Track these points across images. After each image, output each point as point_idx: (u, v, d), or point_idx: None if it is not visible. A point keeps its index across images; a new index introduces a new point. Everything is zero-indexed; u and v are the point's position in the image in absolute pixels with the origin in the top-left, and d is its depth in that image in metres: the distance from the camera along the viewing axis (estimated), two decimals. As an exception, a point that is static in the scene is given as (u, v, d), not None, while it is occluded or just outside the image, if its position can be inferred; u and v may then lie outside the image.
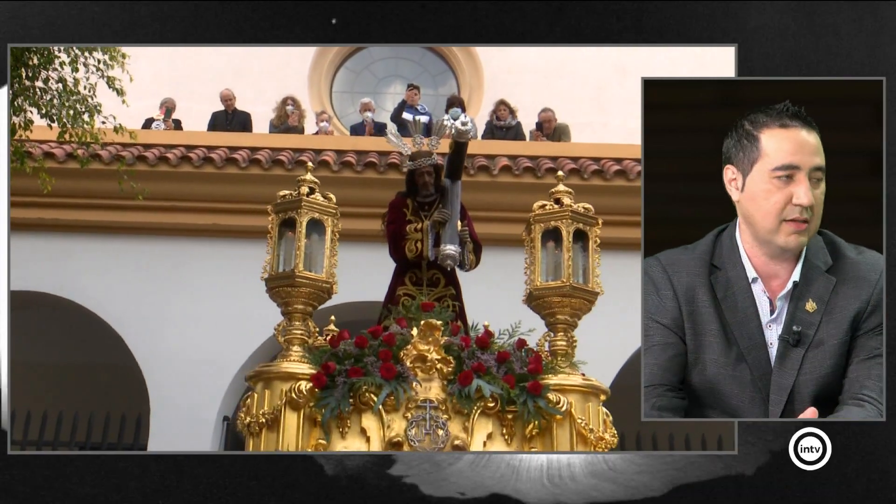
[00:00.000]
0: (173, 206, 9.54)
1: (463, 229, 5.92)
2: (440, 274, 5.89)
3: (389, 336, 5.22)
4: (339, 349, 5.20)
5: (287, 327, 5.32)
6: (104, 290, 9.33)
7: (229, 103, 11.20)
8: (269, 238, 5.47)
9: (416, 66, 13.20)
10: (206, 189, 9.58)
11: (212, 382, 9.05)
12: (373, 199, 8.59)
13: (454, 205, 5.91)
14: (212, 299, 9.39)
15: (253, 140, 10.36)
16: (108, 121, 7.70)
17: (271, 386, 5.07)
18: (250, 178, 9.56)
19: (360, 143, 10.24)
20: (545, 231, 5.51)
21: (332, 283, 5.40)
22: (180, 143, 9.96)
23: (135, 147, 9.48)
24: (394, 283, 5.95)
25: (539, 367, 5.20)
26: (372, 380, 5.02)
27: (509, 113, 10.94)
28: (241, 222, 9.49)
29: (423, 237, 5.86)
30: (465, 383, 5.07)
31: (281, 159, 9.66)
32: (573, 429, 5.07)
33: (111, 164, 9.30)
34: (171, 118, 11.07)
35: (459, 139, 5.80)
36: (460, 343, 5.25)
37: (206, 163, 9.61)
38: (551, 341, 5.40)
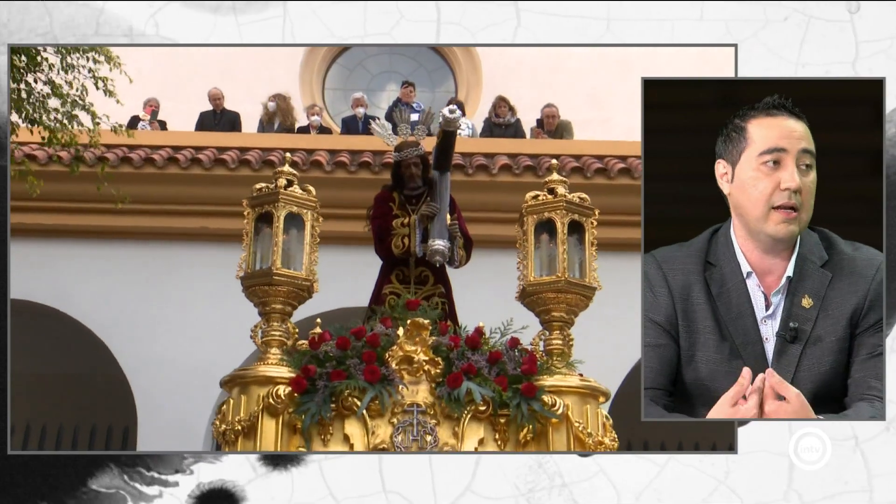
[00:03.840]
0: (160, 210, 9.40)
1: (452, 223, 5.78)
2: (429, 271, 5.76)
3: (373, 336, 5.06)
4: (319, 351, 5.05)
5: (264, 328, 5.18)
6: (88, 297, 9.20)
7: (217, 102, 11.06)
8: (245, 234, 5.34)
9: (412, 62, 13.05)
10: (194, 191, 9.43)
11: (201, 392, 8.86)
12: (368, 199, 8.45)
13: (443, 198, 5.77)
14: (201, 305, 9.25)
15: (242, 140, 10.23)
16: (102, 121, 7.55)
17: (248, 391, 4.94)
18: (240, 180, 9.36)
19: (353, 143, 10.09)
20: (538, 223, 5.38)
21: (313, 281, 5.26)
22: (167, 144, 9.83)
23: (119, 148, 9.31)
24: (380, 281, 5.82)
25: (533, 368, 5.04)
26: (355, 383, 4.87)
27: (508, 110, 10.81)
28: (231, 225, 9.09)
29: (410, 232, 5.74)
30: (455, 386, 4.91)
31: (272, 160, 9.52)
32: (570, 433, 4.91)
33: (95, 166, 9.13)
34: (157, 119, 10.90)
35: (447, 128, 5.64)
36: (449, 343, 5.09)
37: (193, 164, 9.47)
38: (546, 340, 5.26)
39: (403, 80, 11.53)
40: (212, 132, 10.36)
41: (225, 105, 11.07)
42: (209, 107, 11.09)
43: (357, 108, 10.98)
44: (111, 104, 7.51)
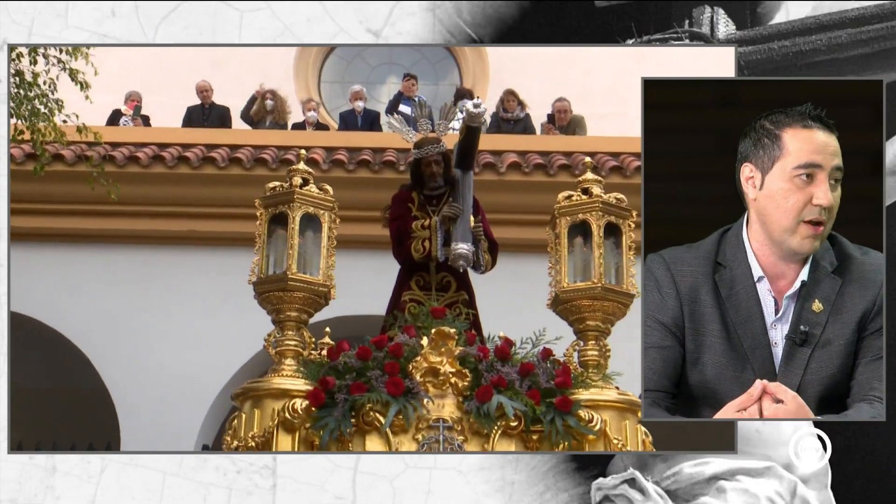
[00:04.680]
0: (144, 211, 9.36)
1: (476, 225, 5.78)
2: (451, 277, 5.77)
3: (396, 347, 5.05)
4: (338, 362, 5.03)
5: (279, 338, 5.16)
6: (67, 306, 9.18)
7: (205, 95, 11.00)
8: (258, 236, 5.32)
9: (414, 52, 13.01)
10: (181, 192, 9.39)
11: (189, 407, 8.88)
12: (367, 200, 8.44)
13: (466, 198, 5.77)
14: (188, 314, 9.22)
15: (233, 137, 10.17)
16: (70, 119, 7.49)
17: (261, 405, 4.94)
18: (230, 179, 9.39)
19: (352, 140, 10.07)
20: (572, 225, 5.38)
21: (330, 286, 5.27)
22: (151, 142, 9.78)
23: (101, 146, 9.26)
24: (398, 287, 5.82)
25: (568, 381, 5.04)
26: (377, 396, 4.85)
27: (517, 104, 10.79)
28: (220, 228, 9.34)
29: (431, 235, 5.73)
30: (485, 399, 4.91)
31: (264, 157, 9.50)
32: (608, 450, 4.90)
33: (75, 165, 9.11)
34: (140, 114, 10.86)
35: (471, 123, 5.65)
36: (477, 354, 5.09)
37: (180, 162, 9.43)
38: (581, 351, 5.27)
39: (405, 73, 11.51)
40: (200, 128, 10.33)
41: (214, 99, 11.03)
42: (197, 101, 11.04)
43: (356, 102, 10.94)
44: (85, 100, 7.50)
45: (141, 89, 11.21)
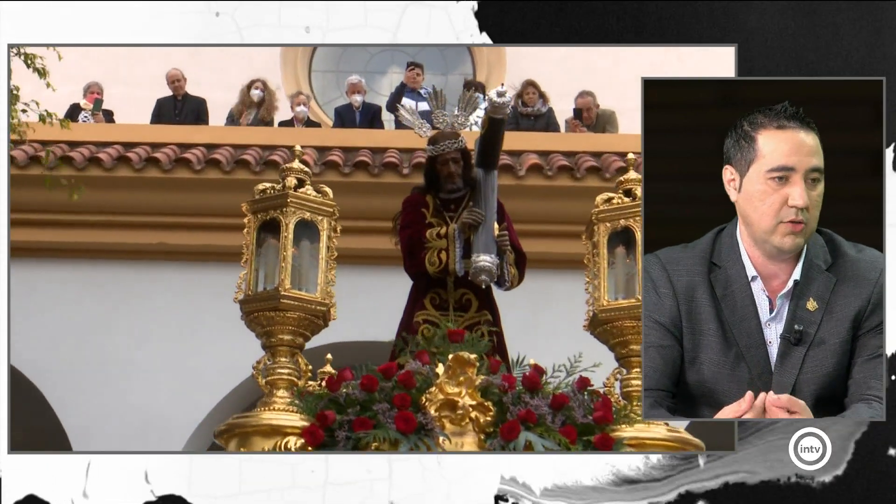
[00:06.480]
0: (108, 221, 9.49)
1: (501, 234, 5.82)
2: (471, 294, 5.82)
3: (407, 375, 5.04)
4: (339, 394, 5.02)
5: (269, 365, 5.19)
6: (17, 332, 9.09)
7: (178, 86, 11.07)
8: (245, 247, 5.32)
9: (420, 39, 13.06)
10: (150, 198, 9.50)
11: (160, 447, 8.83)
12: (363, 208, 8.59)
13: (489, 202, 5.82)
14: (158, 341, 9.32)
15: (210, 135, 10.26)
16: (31, 108, 7.52)
17: (249, 444, 4.99)
18: (207, 184, 9.49)
19: (348, 138, 10.13)
20: (613, 233, 5.44)
21: (330, 305, 5.29)
22: (115, 140, 9.89)
23: (58, 146, 9.31)
24: (410, 306, 5.86)
25: (609, 415, 5.05)
26: (384, 433, 4.84)
27: (538, 97, 10.88)
28: (195, 241, 9.48)
29: (448, 245, 5.77)
30: (511, 437, 4.89)
31: (246, 159, 9.58)
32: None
33: (26, 167, 9.16)
34: (101, 109, 10.91)
35: (495, 115, 5.67)
36: (502, 384, 5.07)
37: (149, 164, 9.53)
38: (624, 380, 5.32)
39: (409, 62, 11.60)
40: (172, 125, 10.43)
41: (188, 90, 11.11)
42: (168, 92, 11.12)
43: (353, 96, 11.03)
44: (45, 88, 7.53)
45: (103, 80, 11.26)
